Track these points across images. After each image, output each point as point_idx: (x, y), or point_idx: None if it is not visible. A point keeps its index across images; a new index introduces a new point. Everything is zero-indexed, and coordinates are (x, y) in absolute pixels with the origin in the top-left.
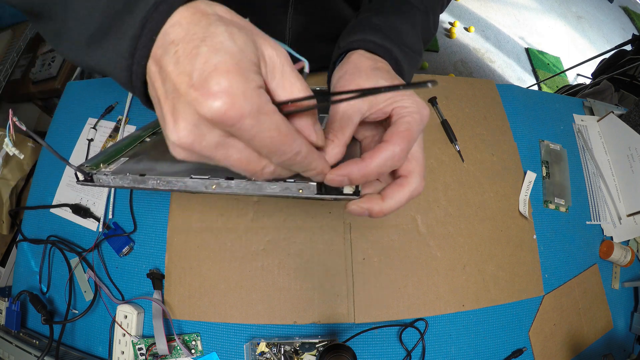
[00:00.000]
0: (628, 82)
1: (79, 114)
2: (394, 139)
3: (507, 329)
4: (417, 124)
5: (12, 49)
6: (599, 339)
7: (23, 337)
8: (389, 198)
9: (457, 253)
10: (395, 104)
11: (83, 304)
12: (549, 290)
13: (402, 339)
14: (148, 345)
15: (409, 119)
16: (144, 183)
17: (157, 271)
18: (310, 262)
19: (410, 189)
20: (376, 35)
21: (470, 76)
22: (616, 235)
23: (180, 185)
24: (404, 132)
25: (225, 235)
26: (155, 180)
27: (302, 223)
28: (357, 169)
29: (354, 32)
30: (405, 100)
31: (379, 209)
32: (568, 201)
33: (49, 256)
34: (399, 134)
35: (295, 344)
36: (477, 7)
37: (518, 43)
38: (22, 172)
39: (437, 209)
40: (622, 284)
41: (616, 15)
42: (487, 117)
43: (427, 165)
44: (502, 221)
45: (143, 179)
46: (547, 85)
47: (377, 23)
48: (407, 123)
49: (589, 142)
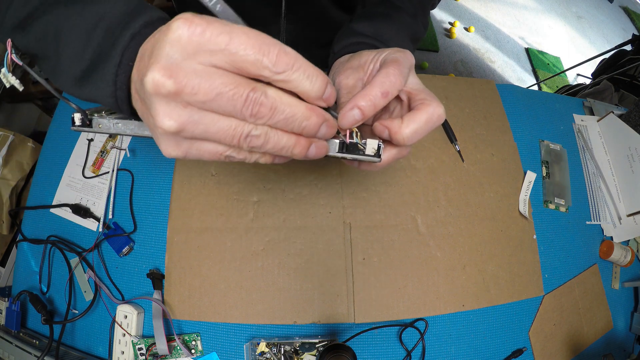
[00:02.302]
0: (628, 82)
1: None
2: (385, 66)
3: (507, 329)
4: (402, 58)
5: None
6: (599, 339)
7: (23, 337)
8: (408, 120)
9: (457, 253)
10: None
11: (83, 304)
12: (549, 290)
13: (402, 339)
14: (148, 345)
15: (393, 56)
16: (142, 128)
17: (157, 271)
18: (310, 262)
19: (428, 112)
20: (365, 38)
21: (470, 76)
22: (616, 235)
23: (131, 127)
24: (391, 61)
25: (225, 235)
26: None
27: (302, 223)
28: (361, 97)
29: (346, 37)
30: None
31: (397, 130)
32: (568, 201)
33: (49, 256)
34: (387, 63)
35: (295, 344)
36: (477, 7)
37: (518, 43)
38: (22, 172)
39: (437, 209)
40: (622, 284)
41: (616, 15)
42: (487, 117)
43: (427, 165)
44: (502, 221)
45: (142, 125)
46: (547, 85)
47: (362, 31)
48: (393, 57)
49: (589, 142)
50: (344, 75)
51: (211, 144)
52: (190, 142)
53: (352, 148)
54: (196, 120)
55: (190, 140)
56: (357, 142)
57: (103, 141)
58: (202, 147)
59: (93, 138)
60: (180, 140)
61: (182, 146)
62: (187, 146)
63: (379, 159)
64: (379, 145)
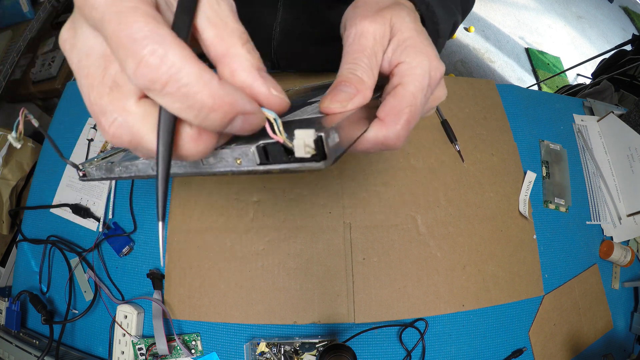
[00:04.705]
0: (628, 82)
1: (79, 114)
2: (396, 96)
3: (507, 329)
4: (419, 76)
5: (12, 49)
6: (599, 339)
7: (23, 337)
8: (383, 106)
9: (457, 253)
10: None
11: (83, 304)
12: (549, 290)
13: (402, 339)
14: (148, 345)
15: (409, 66)
16: (111, 172)
17: (157, 271)
18: (310, 262)
19: (405, 98)
20: None
21: (470, 76)
22: (616, 235)
23: (134, 169)
24: (403, 85)
25: (225, 235)
26: (119, 167)
27: (302, 223)
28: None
29: None
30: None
31: (382, 128)
32: (568, 201)
33: (49, 256)
34: (397, 89)
35: (295, 344)
36: (477, 7)
37: (518, 43)
38: (22, 172)
39: (437, 209)
40: (622, 284)
41: (616, 15)
42: (487, 117)
43: (427, 165)
44: (502, 221)
45: (111, 167)
46: (547, 85)
47: None
48: (407, 70)
49: (589, 142)
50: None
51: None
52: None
53: (276, 154)
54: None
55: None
56: (282, 137)
57: (103, 141)
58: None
59: (93, 138)
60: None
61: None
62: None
63: (322, 161)
64: (320, 137)
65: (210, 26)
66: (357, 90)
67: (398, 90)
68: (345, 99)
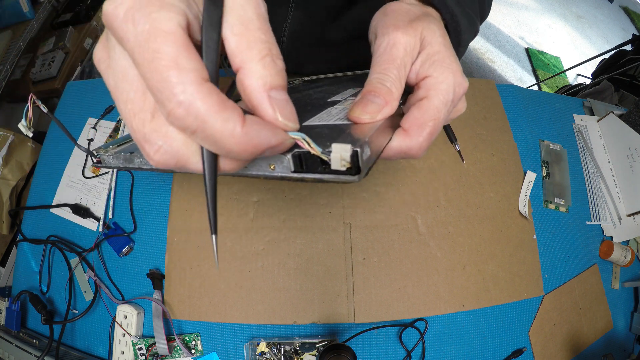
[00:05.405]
0: (628, 82)
1: (79, 114)
2: (420, 108)
3: (507, 329)
4: (443, 91)
5: (12, 49)
6: (599, 339)
7: (23, 337)
8: (408, 117)
9: (457, 253)
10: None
11: (83, 304)
12: (549, 290)
13: (402, 339)
14: (148, 345)
15: (436, 80)
16: (131, 162)
17: (157, 271)
18: (310, 262)
19: (428, 113)
20: None
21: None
22: (616, 235)
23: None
24: (429, 98)
25: (225, 235)
26: (140, 158)
27: (302, 223)
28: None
29: None
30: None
31: (407, 138)
32: (568, 201)
33: (49, 256)
34: (421, 104)
35: (295, 344)
36: None
37: (518, 43)
38: (22, 172)
39: (437, 209)
40: (622, 284)
41: (616, 15)
42: (487, 117)
43: (427, 165)
44: (502, 221)
45: (130, 158)
46: (547, 85)
47: None
48: (433, 84)
49: (589, 142)
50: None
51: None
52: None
53: (312, 163)
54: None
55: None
56: (317, 151)
57: (103, 141)
58: None
59: (93, 138)
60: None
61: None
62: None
63: (356, 175)
64: (355, 151)
65: (232, 35)
66: (385, 102)
67: (423, 103)
68: (375, 110)
